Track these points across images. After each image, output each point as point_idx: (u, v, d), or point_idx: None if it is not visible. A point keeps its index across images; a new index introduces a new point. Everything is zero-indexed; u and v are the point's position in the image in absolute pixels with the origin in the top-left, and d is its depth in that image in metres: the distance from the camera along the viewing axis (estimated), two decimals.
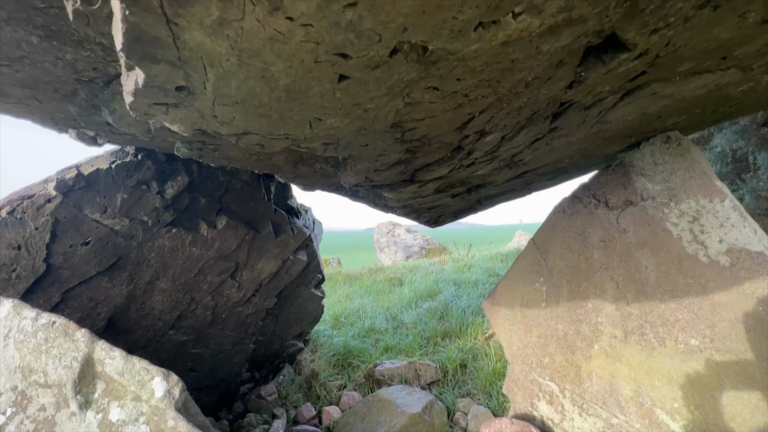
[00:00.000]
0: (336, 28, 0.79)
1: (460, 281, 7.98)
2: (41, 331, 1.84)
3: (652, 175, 2.95)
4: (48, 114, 1.42)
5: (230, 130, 1.14)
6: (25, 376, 1.79)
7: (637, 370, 2.79)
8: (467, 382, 4.52)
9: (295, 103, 1.04)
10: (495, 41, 0.99)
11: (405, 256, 16.88)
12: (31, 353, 1.81)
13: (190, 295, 3.46)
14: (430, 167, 2.14)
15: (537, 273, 3.45)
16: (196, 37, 0.77)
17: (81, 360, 1.78)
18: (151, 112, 0.98)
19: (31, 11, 0.95)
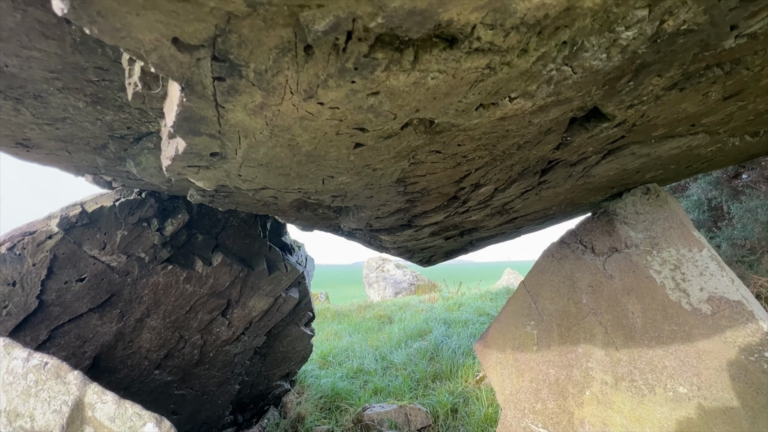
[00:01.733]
0: (358, 110, 0.90)
1: (450, 320, 7.92)
2: (32, 372, 1.80)
3: (634, 224, 3.11)
4: (74, 163, 1.49)
5: (250, 186, 1.23)
6: (10, 420, 1.73)
7: (628, 417, 2.80)
8: (458, 428, 4.40)
9: (312, 165, 1.14)
10: (493, 117, 1.12)
11: (394, 292, 16.72)
12: (19, 396, 1.75)
13: (179, 333, 3.40)
14: (428, 214, 2.25)
15: (528, 316, 3.50)
16: (237, 117, 0.87)
17: (71, 404, 1.73)
18: (184, 172, 1.07)
19: (84, 82, 1.05)
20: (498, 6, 0.68)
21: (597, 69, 1.07)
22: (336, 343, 7.36)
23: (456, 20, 0.68)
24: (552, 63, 0.97)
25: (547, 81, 1.05)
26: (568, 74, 1.05)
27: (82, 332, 2.68)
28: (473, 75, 0.88)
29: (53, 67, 0.98)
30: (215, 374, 4.05)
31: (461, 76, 0.86)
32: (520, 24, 0.76)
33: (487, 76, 0.90)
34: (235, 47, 0.66)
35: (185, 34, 0.63)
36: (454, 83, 0.88)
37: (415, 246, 3.63)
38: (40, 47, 0.92)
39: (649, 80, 1.33)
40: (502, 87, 0.98)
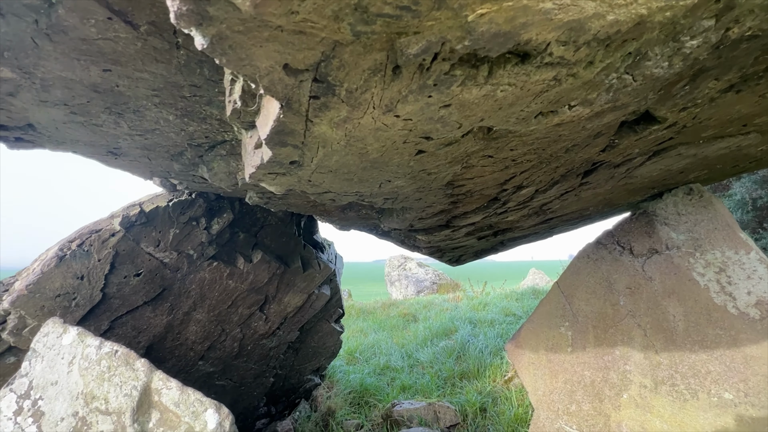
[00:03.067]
0: (429, 121, 0.96)
1: (475, 320, 7.90)
2: (104, 359, 1.96)
3: (675, 225, 3.04)
4: (150, 168, 1.62)
5: (316, 190, 1.31)
6: (87, 402, 1.90)
7: (669, 422, 2.75)
8: (488, 427, 4.42)
9: (375, 171, 1.21)
10: (550, 124, 1.16)
11: (416, 291, 16.74)
12: (94, 380, 1.92)
13: (221, 326, 3.57)
14: (467, 215, 2.29)
15: (562, 317, 3.48)
16: (321, 129, 0.95)
17: (140, 389, 1.88)
18: (263, 178, 1.16)
19: (178, 98, 1.16)
20: (575, 25, 0.73)
21: (657, 76, 1.09)
22: (362, 340, 7.48)
23: (534, 39, 0.73)
24: (614, 72, 1.00)
25: (607, 89, 1.08)
26: (629, 82, 1.08)
27: (137, 323, 2.87)
28: (539, 86, 0.92)
29: (156, 86, 1.10)
30: (252, 366, 4.22)
31: (528, 88, 0.91)
32: (591, 40, 0.80)
33: (551, 87, 0.94)
34: (334, 70, 0.73)
35: (296, 60, 0.71)
36: (521, 94, 0.92)
37: (448, 246, 3.67)
38: (150, 70, 1.03)
39: (705, 84, 1.33)
40: (563, 96, 1.02)
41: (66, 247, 2.34)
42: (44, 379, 1.99)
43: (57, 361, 2.02)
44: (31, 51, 0.98)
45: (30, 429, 1.89)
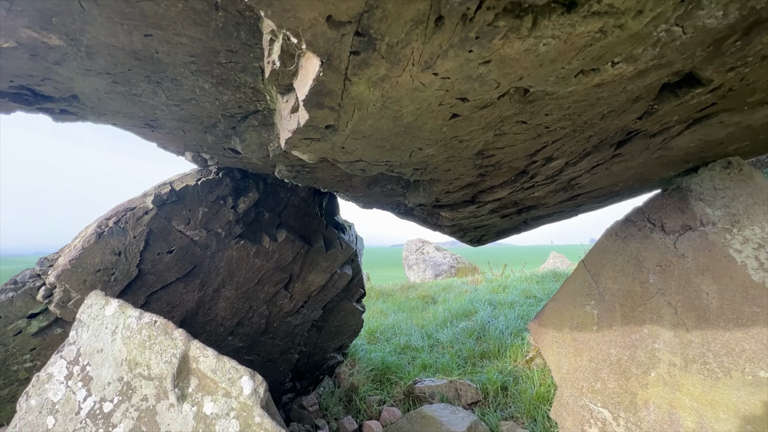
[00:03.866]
0: (467, 80, 0.94)
1: (495, 302, 7.88)
2: (145, 328, 2.06)
3: (711, 201, 2.92)
4: (184, 142, 1.66)
5: (347, 158, 1.32)
6: (131, 368, 2.01)
7: (699, 400, 2.70)
8: (509, 405, 4.46)
9: (407, 137, 1.20)
10: (590, 84, 1.11)
11: (434, 274, 16.77)
12: (136, 348, 2.03)
13: (248, 303, 3.68)
14: (494, 189, 2.26)
15: (588, 296, 3.43)
16: (359, 89, 0.94)
17: (179, 356, 1.98)
18: (298, 145, 1.17)
19: (214, 65, 1.17)
20: None
21: (709, 28, 1.03)
22: (382, 321, 7.59)
23: None
24: (664, 24, 0.95)
25: (654, 43, 1.03)
26: (677, 35, 1.02)
27: (171, 299, 2.99)
28: (584, 40, 0.88)
29: (194, 52, 1.11)
30: (278, 343, 4.36)
31: (572, 42, 0.87)
32: None
33: (596, 41, 0.90)
34: (376, 22, 0.72)
35: (339, 11, 0.70)
36: (564, 49, 0.89)
37: (470, 224, 3.64)
38: (188, 33, 1.04)
39: (759, 39, 1.25)
40: (607, 51, 0.97)
41: (104, 225, 2.44)
42: (90, 346, 2.12)
43: (101, 330, 2.14)
44: (78, 16, 1.00)
45: (80, 392, 2.02)
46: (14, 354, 2.52)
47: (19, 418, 2.02)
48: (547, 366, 5.03)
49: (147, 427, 1.89)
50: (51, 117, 1.52)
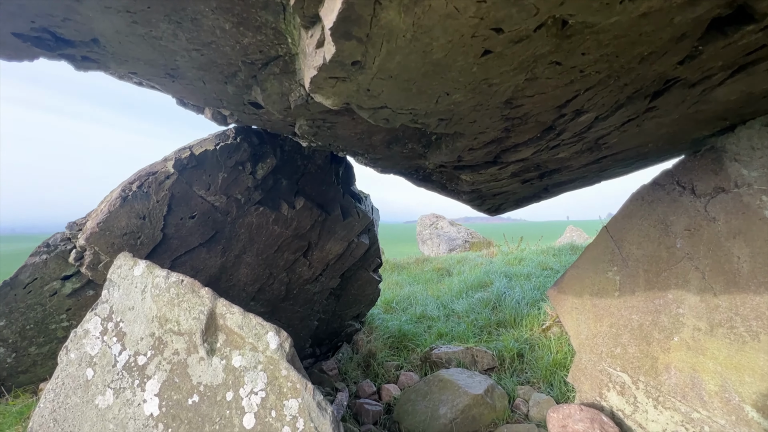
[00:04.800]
0: (505, 4, 0.87)
1: (511, 274, 7.86)
2: (173, 287, 2.12)
3: (748, 161, 2.77)
4: (204, 95, 1.64)
5: (372, 103, 1.27)
6: (161, 324, 2.08)
7: (723, 364, 2.67)
8: (526, 370, 4.51)
9: (435, 78, 1.14)
10: (635, 13, 1.03)
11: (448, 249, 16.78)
12: (165, 305, 2.10)
13: (269, 270, 3.76)
14: (518, 148, 2.19)
15: (610, 262, 3.37)
16: (389, 15, 0.89)
17: (206, 313, 2.04)
18: (322, 85, 1.13)
19: (235, 1, 1.13)
20: None
21: None
22: (398, 292, 7.69)
23: None
24: None
25: None
26: None
27: (194, 264, 3.06)
28: None
29: None
30: (298, 310, 4.47)
31: None
32: None
33: None
34: None
35: None
36: None
37: (490, 191, 3.57)
38: None
39: None
40: None
41: (127, 189, 2.49)
42: (122, 304, 2.20)
43: (131, 289, 2.21)
44: None
45: (115, 346, 2.11)
46: (51, 314, 2.65)
47: (61, 370, 2.14)
48: (564, 334, 5.04)
49: (179, 379, 1.97)
50: (73, 65, 1.50)
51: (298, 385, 1.87)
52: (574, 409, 3.06)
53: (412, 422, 3.65)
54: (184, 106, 1.99)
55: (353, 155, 2.68)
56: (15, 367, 2.63)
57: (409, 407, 3.86)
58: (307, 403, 1.84)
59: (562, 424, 2.98)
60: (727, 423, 2.62)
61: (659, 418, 2.92)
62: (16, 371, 2.65)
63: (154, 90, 1.98)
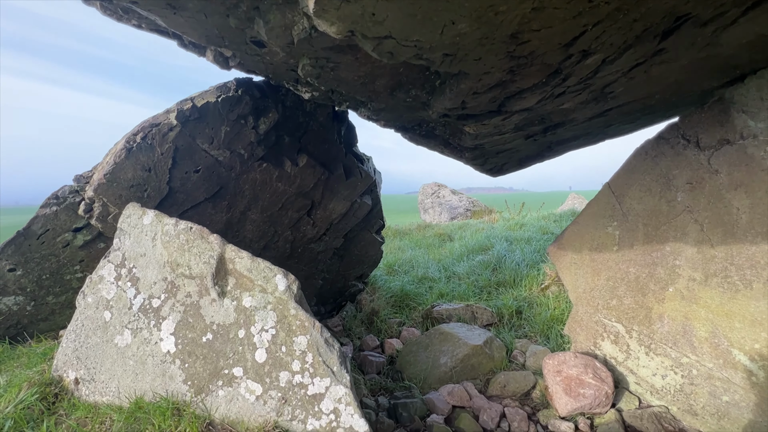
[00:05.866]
0: None
1: (512, 238, 7.95)
2: (182, 234, 2.18)
3: (756, 112, 2.73)
4: (205, 30, 1.61)
5: (376, 32, 1.25)
6: (173, 269, 2.16)
7: (715, 312, 2.76)
8: (524, 326, 4.67)
9: (440, 1, 1.12)
10: None
11: (450, 218, 16.86)
12: (176, 251, 2.16)
13: (273, 227, 3.82)
14: (522, 94, 2.17)
15: (610, 217, 3.40)
16: None
17: (216, 258, 2.10)
18: (327, 7, 1.11)
19: None
20: None
21: None
22: (400, 255, 7.81)
23: None
24: None
25: None
26: None
27: (201, 219, 3.12)
28: None
29: None
30: (303, 268, 4.58)
31: None
32: None
33: None
34: None
35: None
36: None
37: (493, 147, 3.56)
38: None
39: None
40: None
41: (132, 140, 2.49)
42: (134, 251, 2.27)
43: (142, 237, 2.27)
44: None
45: (130, 291, 2.20)
46: (65, 264, 2.73)
47: (80, 313, 2.24)
48: (561, 292, 5.18)
49: (193, 319, 2.07)
50: None
51: (306, 323, 1.96)
52: (569, 356, 3.21)
53: (414, 371, 3.84)
54: (185, 47, 1.96)
55: (356, 107, 2.66)
56: (35, 315, 2.75)
57: (411, 358, 4.04)
58: (315, 339, 1.94)
59: (557, 370, 3.13)
60: (715, 366, 2.75)
61: (650, 364, 3.06)
62: (36, 319, 2.78)
63: (155, 33, 1.95)
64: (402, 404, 3.17)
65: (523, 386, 3.35)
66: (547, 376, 3.19)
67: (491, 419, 3.01)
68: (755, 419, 2.55)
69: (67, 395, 2.10)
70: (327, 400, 1.85)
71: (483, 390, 3.51)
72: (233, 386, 1.92)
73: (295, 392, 1.87)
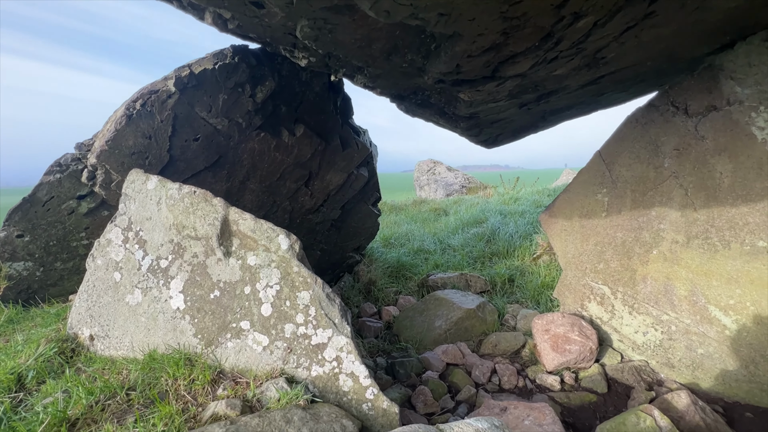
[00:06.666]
0: None
1: (506, 212, 8.08)
2: (186, 197, 2.26)
3: (743, 78, 2.80)
4: None
5: None
6: (179, 231, 2.25)
7: (695, 272, 2.92)
8: (515, 292, 4.86)
9: None
10: None
11: (445, 194, 16.95)
12: (181, 213, 2.24)
13: (272, 198, 3.89)
14: (516, 59, 2.21)
15: (600, 185, 3.51)
16: None
17: (220, 220, 2.19)
18: None
19: None
20: None
21: None
22: (396, 229, 7.94)
23: None
24: None
25: None
26: None
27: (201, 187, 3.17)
28: None
29: None
30: (301, 239, 4.62)
31: None
32: None
33: None
34: None
35: None
36: None
37: (487, 116, 3.61)
38: None
39: None
40: None
41: (131, 107, 2.52)
42: (140, 215, 2.34)
43: (147, 201, 2.35)
44: None
45: (138, 252, 2.29)
46: (71, 231, 2.81)
47: (90, 274, 2.34)
48: (552, 261, 5.36)
49: (200, 278, 2.18)
50: None
51: (308, 279, 2.08)
52: (557, 316, 3.39)
53: (410, 334, 4.03)
54: (183, 9, 1.96)
55: (352, 75, 2.69)
56: (44, 281, 2.85)
57: (407, 322, 4.23)
58: (317, 294, 2.06)
59: (546, 329, 3.31)
60: (692, 322, 2.93)
61: (632, 322, 3.24)
62: (45, 284, 2.87)
63: None
64: (399, 362, 3.36)
65: (514, 345, 3.55)
66: (536, 334, 3.38)
67: (483, 374, 3.20)
68: (726, 368, 2.75)
69: (83, 350, 2.23)
70: (329, 349, 1.99)
71: (475, 350, 3.71)
72: (241, 338, 2.05)
73: (300, 342, 2.00)
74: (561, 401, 2.87)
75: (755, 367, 2.63)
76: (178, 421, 1.66)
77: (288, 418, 1.64)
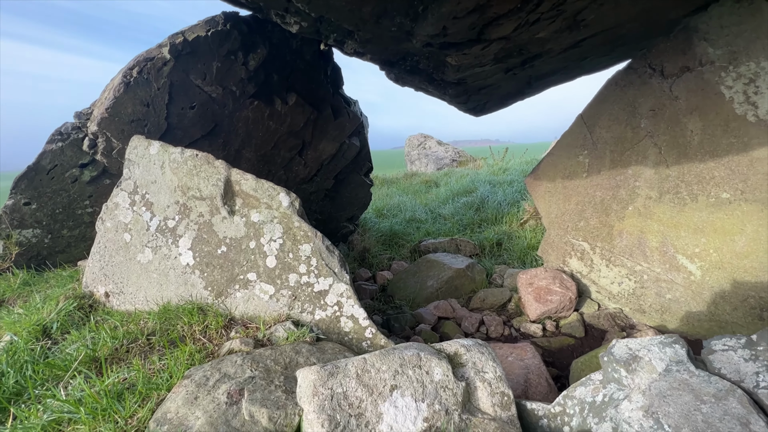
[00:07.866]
0: None
1: (495, 182, 8.28)
2: (189, 160, 2.37)
3: (715, 39, 2.94)
4: None
5: None
6: (184, 192, 2.37)
7: (666, 224, 3.16)
8: (503, 254, 5.12)
9: None
10: None
11: (436, 168, 17.06)
12: (186, 175, 2.36)
13: (267, 167, 4.00)
14: (499, 21, 2.32)
15: (581, 147, 3.69)
16: None
17: (223, 180, 2.32)
18: None
19: None
20: None
21: None
22: (388, 201, 8.10)
23: None
24: None
25: None
26: None
27: None
28: None
29: None
30: None
31: None
32: None
33: None
34: None
35: None
36: None
37: (475, 83, 3.72)
38: None
39: None
40: None
41: (128, 75, 2.58)
42: (144, 179, 2.46)
43: (150, 166, 2.46)
44: None
45: (145, 214, 2.42)
46: (76, 199, 2.91)
47: (101, 236, 2.47)
48: (539, 225, 5.61)
49: (207, 235, 2.33)
50: None
51: (309, 233, 2.24)
52: (540, 270, 3.64)
53: (404, 294, 4.27)
54: None
55: (342, 41, 2.76)
56: (53, 248, 2.97)
57: (401, 284, 4.46)
58: (318, 246, 2.23)
59: (529, 282, 3.56)
60: (662, 270, 3.19)
61: (609, 274, 3.51)
62: (54, 251, 2.99)
63: None
64: (394, 317, 3.60)
65: (500, 299, 3.81)
66: (520, 288, 3.63)
67: (471, 325, 3.46)
68: (690, 310, 3.04)
69: (100, 306, 2.39)
70: (331, 295, 2.18)
71: (465, 305, 3.97)
72: (249, 288, 2.23)
73: (303, 290, 2.19)
74: (543, 345, 3.15)
75: (715, 308, 2.91)
76: (198, 357, 1.85)
77: (297, 350, 1.84)
